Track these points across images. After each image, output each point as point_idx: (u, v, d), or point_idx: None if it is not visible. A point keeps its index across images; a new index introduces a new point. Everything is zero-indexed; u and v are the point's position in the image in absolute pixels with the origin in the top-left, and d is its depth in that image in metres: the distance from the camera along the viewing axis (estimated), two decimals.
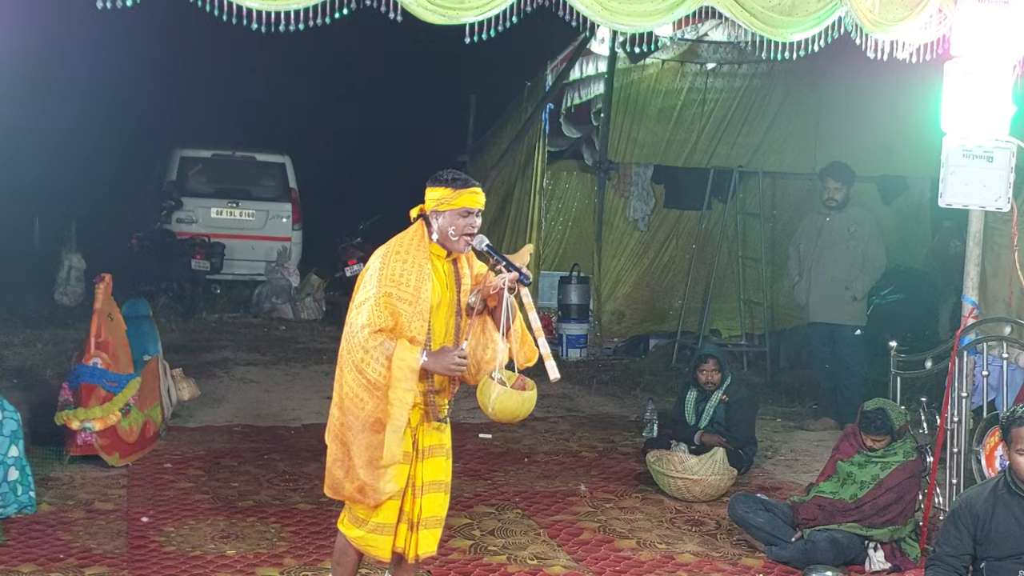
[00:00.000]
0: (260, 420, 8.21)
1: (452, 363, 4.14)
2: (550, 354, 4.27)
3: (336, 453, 4.20)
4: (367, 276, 4.19)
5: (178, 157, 13.98)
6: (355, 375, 4.08)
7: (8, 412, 5.85)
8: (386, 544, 4.28)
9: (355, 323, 4.10)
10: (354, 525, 4.28)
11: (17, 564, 5.11)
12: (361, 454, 4.10)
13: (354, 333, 4.08)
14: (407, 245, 4.20)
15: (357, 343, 4.07)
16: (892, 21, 5.32)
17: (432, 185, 4.24)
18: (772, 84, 11.32)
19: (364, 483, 4.12)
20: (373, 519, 4.23)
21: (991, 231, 6.47)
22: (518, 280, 4.17)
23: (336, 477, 4.21)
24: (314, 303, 13.37)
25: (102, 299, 6.91)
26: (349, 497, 4.22)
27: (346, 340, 4.13)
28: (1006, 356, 5.83)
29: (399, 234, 4.28)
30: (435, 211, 4.21)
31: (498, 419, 4.25)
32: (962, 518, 4.26)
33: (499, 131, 13.00)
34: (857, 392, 7.94)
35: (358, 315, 4.10)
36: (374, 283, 4.13)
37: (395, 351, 4.05)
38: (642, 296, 11.63)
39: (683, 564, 5.52)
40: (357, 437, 4.10)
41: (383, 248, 4.24)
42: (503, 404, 4.15)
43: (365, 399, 4.07)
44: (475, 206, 4.20)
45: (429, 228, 4.24)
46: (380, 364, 4.04)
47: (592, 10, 4.93)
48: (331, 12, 4.58)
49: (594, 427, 8.40)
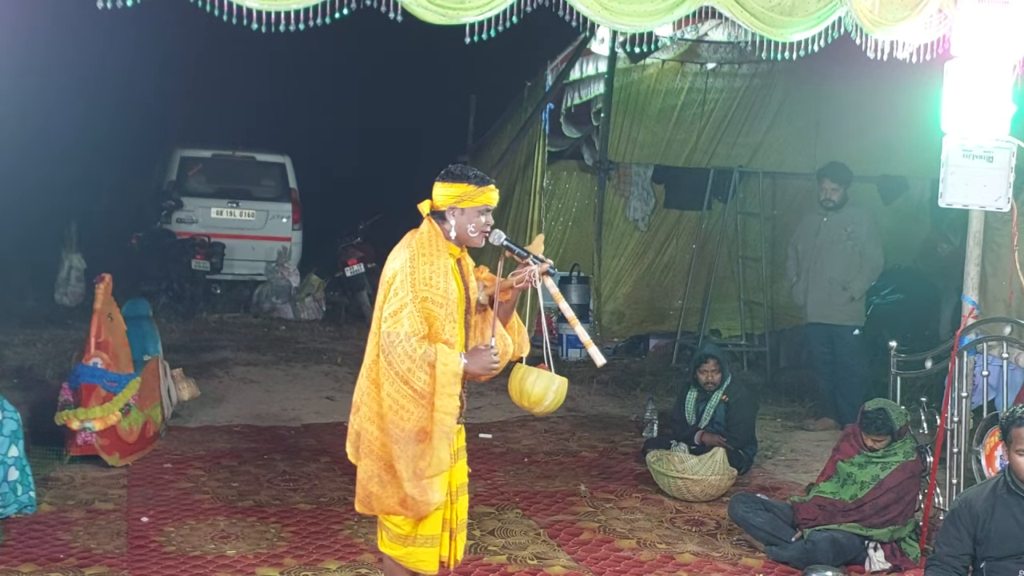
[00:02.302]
0: (260, 420, 8.21)
1: (490, 362, 4.08)
2: (591, 341, 4.26)
3: (371, 469, 4.04)
4: (397, 281, 3.99)
5: (178, 157, 13.97)
6: (398, 386, 3.94)
7: (8, 412, 5.85)
8: (434, 556, 4.18)
9: (396, 332, 3.93)
10: (399, 544, 4.15)
11: (17, 564, 5.11)
12: (407, 467, 3.96)
13: (396, 343, 3.92)
14: (428, 246, 4.07)
15: (402, 353, 3.92)
16: (892, 21, 5.32)
17: (449, 181, 4.13)
18: (772, 84, 11.32)
19: (409, 496, 3.99)
20: (420, 532, 4.12)
21: (991, 231, 6.47)
22: (545, 272, 4.16)
23: (371, 492, 4.06)
24: (314, 303, 13.37)
25: (102, 299, 6.91)
26: (388, 511, 4.08)
27: (384, 352, 3.96)
28: (1006, 356, 5.83)
29: (413, 234, 4.15)
30: (453, 207, 4.10)
31: (533, 402, 4.19)
32: (962, 518, 4.26)
33: (499, 131, 12.99)
34: (857, 392, 7.94)
35: (397, 324, 3.94)
36: (407, 288, 3.97)
37: (437, 357, 3.93)
38: (642, 296, 11.63)
39: (683, 564, 5.52)
40: (404, 450, 3.97)
41: (405, 251, 4.08)
42: (537, 385, 4.14)
43: (411, 410, 3.95)
44: (494, 203, 4.16)
45: (442, 225, 4.14)
46: (424, 372, 3.92)
47: (592, 10, 4.93)
48: (331, 12, 4.58)
49: (594, 427, 8.40)
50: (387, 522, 4.15)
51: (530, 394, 4.19)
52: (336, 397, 9.10)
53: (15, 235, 13.45)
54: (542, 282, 4.18)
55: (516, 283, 4.19)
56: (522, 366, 4.24)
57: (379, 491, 4.04)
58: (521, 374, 4.21)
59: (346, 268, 13.28)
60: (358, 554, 5.44)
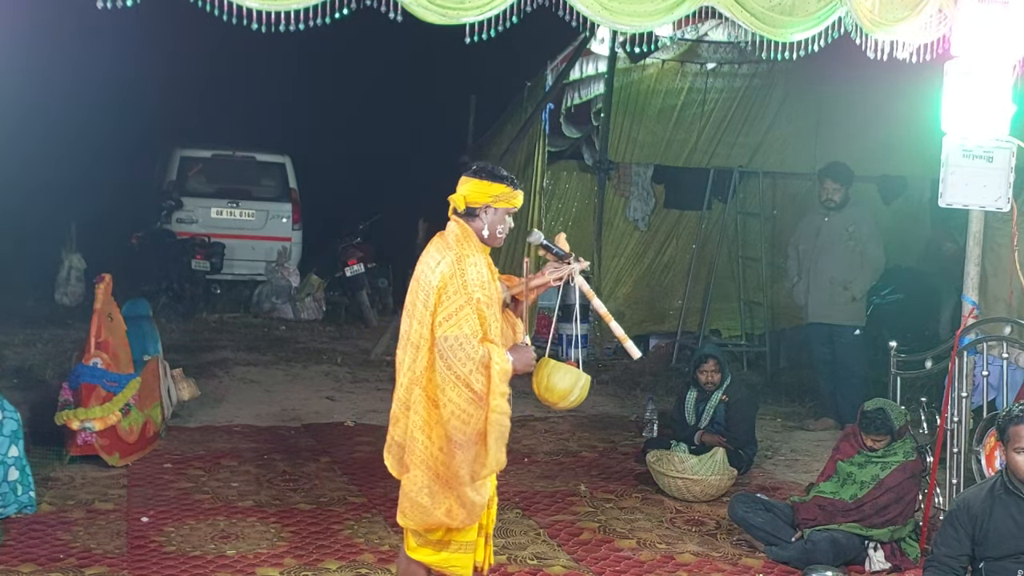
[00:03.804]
0: (260, 420, 8.21)
1: (531, 359, 4.13)
2: (626, 336, 4.37)
3: (421, 480, 3.99)
4: (450, 285, 3.95)
5: (178, 157, 13.97)
6: (460, 390, 3.90)
7: (8, 412, 5.85)
8: (469, 561, 4.17)
9: (458, 335, 3.89)
10: (434, 549, 4.12)
11: (17, 564, 5.11)
12: (468, 471, 3.97)
13: (458, 346, 3.89)
14: (469, 246, 4.07)
15: (463, 356, 3.88)
16: (892, 21, 5.32)
17: (487, 179, 4.14)
18: (772, 84, 11.30)
19: (468, 500, 3.98)
20: (457, 539, 4.10)
21: (991, 231, 6.47)
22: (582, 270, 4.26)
23: (421, 505, 4.00)
24: (314, 303, 13.38)
25: (102, 299, 6.91)
26: (432, 524, 4.04)
27: (444, 357, 3.90)
28: (1006, 356, 5.83)
29: (444, 236, 4.14)
30: (488, 206, 4.12)
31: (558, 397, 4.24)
32: (960, 519, 4.26)
33: (499, 131, 12.98)
34: (857, 392, 7.93)
35: (456, 326, 3.90)
36: (462, 290, 3.94)
37: (492, 358, 3.92)
38: (642, 296, 11.62)
39: (683, 564, 5.52)
40: (466, 455, 3.95)
41: (449, 253, 4.03)
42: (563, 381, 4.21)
43: (471, 413, 3.92)
44: (519, 206, 4.24)
45: (471, 223, 4.14)
46: (481, 374, 3.91)
47: (592, 10, 4.92)
48: (331, 12, 4.58)
49: (594, 427, 8.40)
50: (422, 528, 4.12)
51: (555, 389, 4.23)
52: (336, 397, 9.11)
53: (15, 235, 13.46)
54: (577, 280, 4.31)
55: (555, 281, 4.31)
56: (548, 361, 4.28)
57: (429, 503, 4.00)
58: (548, 369, 4.25)
59: (346, 268, 13.29)
60: (358, 554, 5.44)
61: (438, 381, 3.93)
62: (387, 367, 10.32)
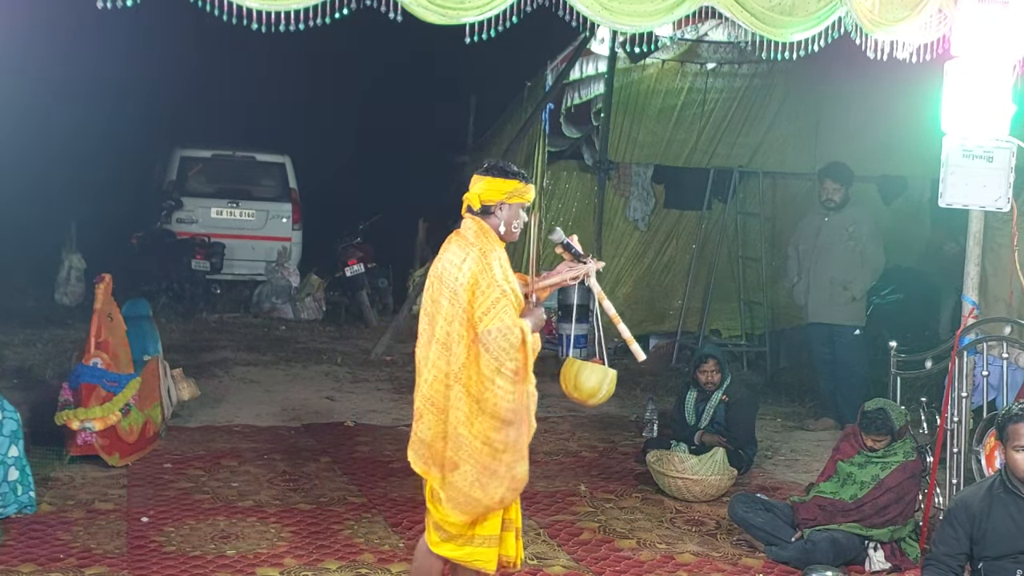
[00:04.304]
0: (260, 420, 8.21)
1: (541, 316, 4.24)
2: (632, 338, 4.49)
3: (471, 475, 4.06)
4: (482, 280, 4.04)
5: (178, 157, 13.98)
6: (506, 376, 4.01)
7: (8, 412, 5.85)
8: (494, 556, 4.23)
9: (500, 327, 3.99)
10: (455, 544, 4.19)
11: (17, 564, 5.11)
12: (511, 453, 4.07)
13: (502, 337, 3.98)
14: (490, 242, 4.16)
15: (508, 344, 3.99)
16: (892, 21, 5.32)
17: (500, 176, 4.22)
18: (772, 84, 11.31)
19: (519, 477, 4.12)
20: (480, 533, 4.18)
21: (991, 231, 6.47)
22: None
23: (476, 498, 4.08)
24: (314, 303, 13.38)
25: (102, 299, 6.91)
26: (488, 510, 4.13)
27: (488, 349, 4.00)
28: (1006, 356, 5.83)
29: (467, 232, 4.21)
30: (503, 203, 4.21)
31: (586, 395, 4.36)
32: (958, 518, 4.26)
33: (499, 131, 13.00)
34: (857, 392, 7.94)
35: (497, 318, 4.00)
36: (494, 284, 4.05)
37: (525, 338, 4.04)
38: (642, 296, 11.62)
39: (683, 564, 5.52)
40: (518, 431, 4.08)
41: (472, 249, 4.11)
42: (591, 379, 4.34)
43: (517, 392, 4.04)
44: (532, 199, 4.33)
45: (488, 220, 4.22)
46: (520, 353, 4.04)
47: (592, 10, 4.93)
48: (331, 12, 4.58)
49: (594, 427, 8.40)
50: (444, 523, 4.18)
51: (584, 388, 4.35)
52: (336, 397, 9.11)
53: (15, 235, 13.46)
54: (590, 281, 4.41)
55: (571, 280, 4.41)
56: (575, 361, 4.42)
57: (482, 495, 4.08)
58: (576, 368, 4.38)
59: (346, 268, 13.29)
60: (358, 554, 5.44)
61: (485, 372, 4.01)
62: (387, 367, 10.33)
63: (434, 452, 4.15)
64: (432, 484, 4.20)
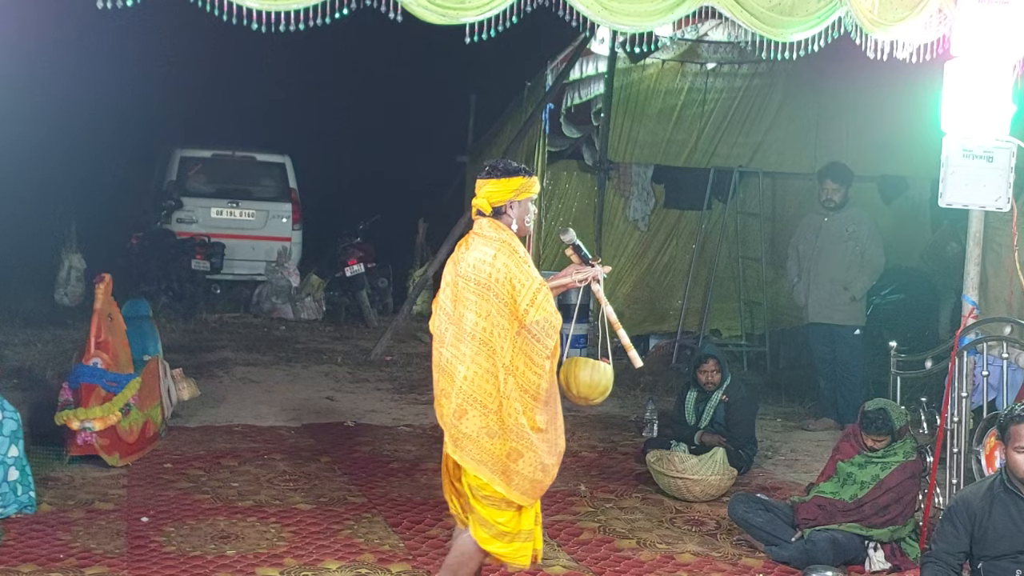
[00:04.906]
0: (260, 420, 8.21)
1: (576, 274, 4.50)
2: (631, 345, 4.56)
3: (535, 460, 4.24)
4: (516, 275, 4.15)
5: (178, 157, 13.98)
6: (548, 361, 4.18)
7: (8, 412, 5.85)
8: (531, 550, 4.35)
9: (546, 316, 4.15)
10: (503, 541, 4.28)
11: (17, 564, 5.11)
12: (559, 428, 4.31)
13: (548, 325, 4.15)
14: (511, 242, 4.25)
15: (552, 330, 4.16)
16: (892, 21, 5.33)
17: (504, 176, 4.30)
18: (772, 84, 11.31)
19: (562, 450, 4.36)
20: (522, 527, 4.30)
21: (991, 231, 6.47)
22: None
23: (540, 481, 4.28)
24: (314, 303, 13.38)
25: (102, 299, 6.90)
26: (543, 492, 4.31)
27: (538, 339, 4.15)
28: (1006, 356, 5.84)
29: (486, 229, 4.28)
30: (512, 201, 4.29)
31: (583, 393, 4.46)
32: (959, 516, 4.27)
33: (499, 131, 12.99)
34: (857, 392, 7.94)
35: (542, 309, 4.14)
36: (529, 277, 4.18)
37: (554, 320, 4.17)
38: (642, 296, 11.62)
39: (683, 564, 5.52)
40: (557, 414, 4.30)
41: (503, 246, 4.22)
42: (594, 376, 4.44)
43: (552, 373, 4.23)
44: (538, 191, 4.43)
45: (501, 219, 4.30)
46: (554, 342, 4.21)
47: (592, 10, 4.93)
48: (331, 12, 4.58)
49: (594, 427, 8.40)
50: (491, 519, 4.24)
51: (583, 385, 4.45)
52: (336, 397, 9.11)
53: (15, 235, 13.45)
54: (594, 286, 4.52)
55: (580, 281, 4.50)
56: (577, 359, 4.52)
57: (543, 476, 4.27)
58: (577, 367, 4.49)
59: (346, 268, 13.29)
60: (358, 554, 5.44)
61: (536, 360, 4.16)
62: (387, 367, 10.33)
63: (481, 448, 4.20)
64: (469, 481, 4.26)
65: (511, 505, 4.25)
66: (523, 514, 4.28)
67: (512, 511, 4.26)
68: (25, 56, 12.60)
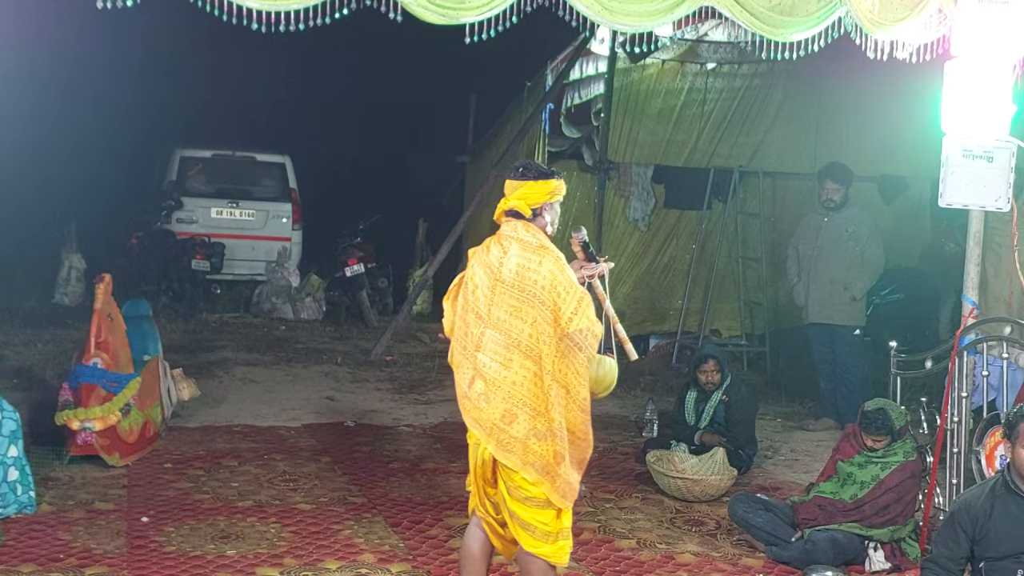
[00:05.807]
0: (260, 420, 8.21)
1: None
2: (627, 338, 4.64)
3: (573, 464, 4.28)
4: (565, 280, 4.20)
5: (178, 157, 13.98)
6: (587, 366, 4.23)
7: (8, 412, 5.85)
8: (570, 547, 4.39)
9: (589, 325, 4.18)
10: (548, 541, 4.29)
11: (17, 564, 5.11)
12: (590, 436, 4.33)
13: (590, 334, 4.18)
14: (553, 249, 4.31)
15: (594, 337, 4.20)
16: (892, 21, 5.32)
17: (541, 179, 4.36)
18: (772, 84, 11.32)
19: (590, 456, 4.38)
20: (563, 525, 4.32)
21: (991, 231, 6.47)
22: None
23: (572, 483, 4.29)
24: (314, 303, 13.37)
25: (102, 299, 6.91)
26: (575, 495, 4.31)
27: (583, 346, 4.18)
28: (1006, 356, 5.83)
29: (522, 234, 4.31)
30: (547, 204, 4.36)
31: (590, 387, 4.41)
32: (961, 521, 4.26)
33: (499, 131, 12.99)
34: (857, 392, 7.94)
35: (585, 317, 4.18)
36: (575, 285, 4.23)
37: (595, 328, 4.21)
38: (642, 296, 11.62)
39: (683, 564, 5.52)
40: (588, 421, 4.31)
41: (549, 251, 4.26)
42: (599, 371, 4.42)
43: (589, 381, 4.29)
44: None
45: (535, 222, 4.35)
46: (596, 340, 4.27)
47: (592, 10, 4.93)
48: (331, 12, 4.58)
49: (594, 427, 8.32)
50: (535, 521, 4.25)
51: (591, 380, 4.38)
52: (336, 397, 9.11)
53: (15, 235, 13.45)
54: (596, 282, 4.58)
55: (588, 277, 4.54)
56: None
57: (576, 479, 4.31)
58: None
59: (346, 268, 13.28)
60: (358, 554, 5.44)
61: (579, 369, 4.21)
62: (387, 367, 10.33)
63: (528, 450, 4.22)
64: (509, 483, 4.27)
65: (551, 505, 4.26)
66: (563, 513, 4.30)
67: (553, 510, 4.28)
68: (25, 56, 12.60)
